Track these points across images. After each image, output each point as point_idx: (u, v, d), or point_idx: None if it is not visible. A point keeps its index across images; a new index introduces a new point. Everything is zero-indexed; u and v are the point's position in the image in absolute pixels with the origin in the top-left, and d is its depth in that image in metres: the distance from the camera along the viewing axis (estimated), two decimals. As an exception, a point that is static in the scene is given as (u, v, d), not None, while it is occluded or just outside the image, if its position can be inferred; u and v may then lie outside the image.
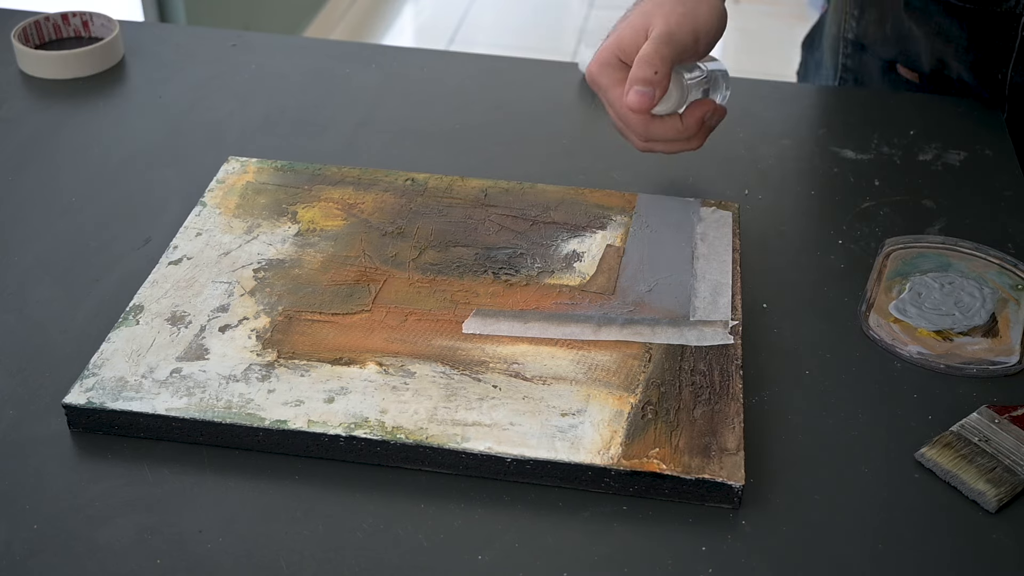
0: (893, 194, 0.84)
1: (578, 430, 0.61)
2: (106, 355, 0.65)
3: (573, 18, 3.15)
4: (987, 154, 0.89)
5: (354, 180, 0.81)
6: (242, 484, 0.60)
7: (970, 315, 0.71)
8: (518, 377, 0.64)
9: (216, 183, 0.80)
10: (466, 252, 0.74)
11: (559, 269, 0.73)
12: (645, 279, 0.72)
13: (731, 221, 0.77)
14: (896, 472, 0.62)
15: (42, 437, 0.62)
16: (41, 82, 0.97)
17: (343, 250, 0.74)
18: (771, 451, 0.63)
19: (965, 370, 0.68)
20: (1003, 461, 0.61)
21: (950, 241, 0.78)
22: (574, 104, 0.97)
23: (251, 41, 1.04)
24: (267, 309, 0.68)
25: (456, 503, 0.59)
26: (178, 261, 0.72)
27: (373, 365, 0.64)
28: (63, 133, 0.90)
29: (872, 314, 0.72)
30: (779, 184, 0.86)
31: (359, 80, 0.99)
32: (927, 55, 0.96)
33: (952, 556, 0.57)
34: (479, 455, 0.60)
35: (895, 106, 0.97)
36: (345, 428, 0.60)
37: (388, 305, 0.69)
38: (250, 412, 0.61)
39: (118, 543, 0.57)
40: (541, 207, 0.78)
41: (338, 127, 0.92)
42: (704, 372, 0.65)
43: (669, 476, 0.59)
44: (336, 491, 0.60)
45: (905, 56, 0.98)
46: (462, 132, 0.92)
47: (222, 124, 0.92)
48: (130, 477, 0.60)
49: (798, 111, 0.96)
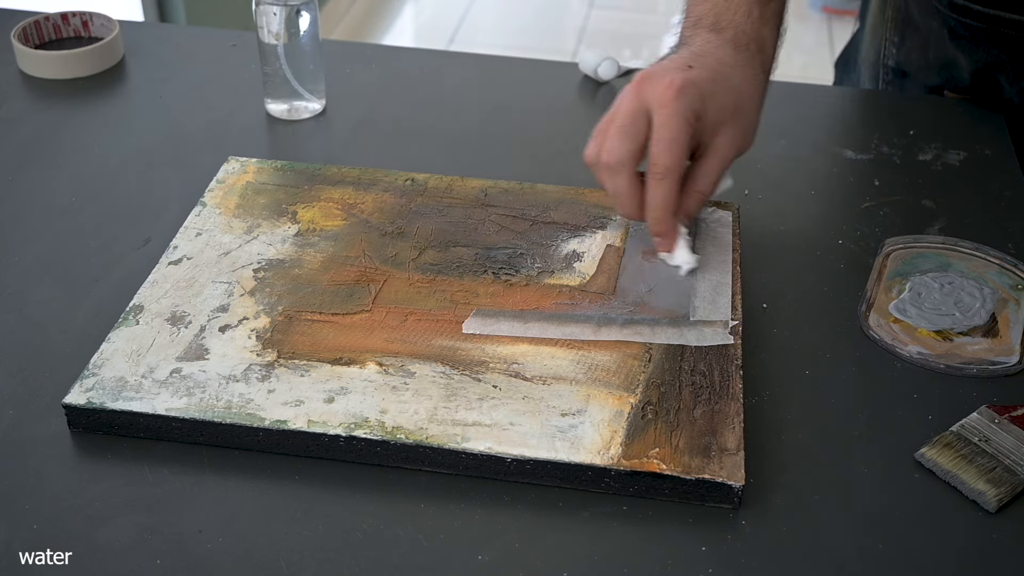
0: (893, 194, 0.84)
1: (578, 430, 0.61)
2: (106, 355, 0.65)
3: (573, 18, 3.15)
4: (987, 154, 0.89)
5: (354, 180, 0.81)
6: (242, 484, 0.60)
7: (970, 315, 0.71)
8: (518, 377, 0.64)
9: (216, 183, 0.80)
10: (466, 252, 0.74)
11: (559, 269, 0.73)
12: (645, 279, 0.72)
13: (731, 221, 0.77)
14: (896, 472, 0.62)
15: (42, 437, 0.62)
16: (41, 82, 0.96)
17: (343, 250, 0.74)
18: (771, 451, 0.63)
19: (965, 370, 0.68)
20: (1003, 461, 0.61)
21: (950, 241, 0.78)
22: (574, 104, 0.97)
23: (251, 41, 1.04)
24: (267, 309, 0.68)
25: (456, 503, 0.59)
26: (178, 261, 0.72)
27: (373, 365, 0.64)
28: (63, 133, 0.90)
29: (872, 314, 0.72)
30: (779, 184, 0.86)
31: (359, 80, 0.99)
32: (974, 81, 0.95)
33: (952, 556, 0.57)
34: (479, 455, 0.60)
35: (895, 106, 0.97)
36: (345, 428, 0.60)
37: (388, 305, 0.69)
38: (250, 412, 0.61)
39: (118, 543, 0.57)
40: (541, 207, 0.78)
41: (338, 127, 0.92)
42: (704, 372, 0.65)
43: (669, 476, 0.59)
44: (336, 491, 0.60)
45: (952, 83, 0.97)
46: (462, 132, 0.92)
47: (222, 124, 0.92)
48: (130, 477, 0.60)
49: (798, 111, 0.96)
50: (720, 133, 0.70)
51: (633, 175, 0.70)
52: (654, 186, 0.69)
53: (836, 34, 2.99)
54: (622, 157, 0.68)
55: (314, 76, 0.91)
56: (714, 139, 0.70)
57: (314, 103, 0.92)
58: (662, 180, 0.68)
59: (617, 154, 0.69)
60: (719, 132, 0.70)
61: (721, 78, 0.70)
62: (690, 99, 0.68)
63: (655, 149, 0.68)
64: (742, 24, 0.74)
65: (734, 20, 0.75)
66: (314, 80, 0.92)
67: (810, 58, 2.79)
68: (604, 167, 0.70)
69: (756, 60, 0.74)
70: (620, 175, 0.69)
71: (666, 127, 0.67)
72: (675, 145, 0.67)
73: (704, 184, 0.71)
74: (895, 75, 1.01)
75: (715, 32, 0.74)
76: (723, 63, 0.72)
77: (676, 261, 0.72)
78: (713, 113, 0.69)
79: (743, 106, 0.72)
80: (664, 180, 0.68)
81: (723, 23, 0.75)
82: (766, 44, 0.75)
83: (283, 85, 0.90)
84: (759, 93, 0.74)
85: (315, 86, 0.92)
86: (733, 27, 0.74)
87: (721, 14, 0.75)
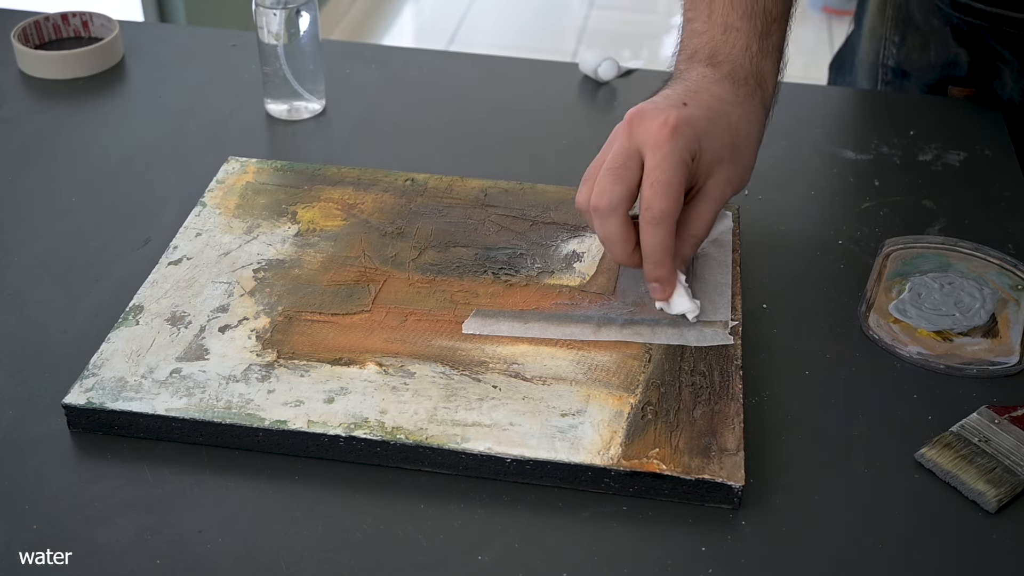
0: (893, 194, 0.84)
1: (578, 430, 0.61)
2: (106, 355, 0.65)
3: (573, 18, 3.15)
4: (987, 154, 0.89)
5: (354, 180, 0.81)
6: (242, 484, 0.60)
7: (970, 315, 0.71)
8: (518, 377, 0.64)
9: (216, 183, 0.80)
10: (466, 252, 0.74)
11: (559, 269, 0.73)
12: (645, 279, 0.72)
13: (731, 221, 0.77)
14: (896, 472, 0.62)
15: (42, 437, 0.62)
16: (41, 82, 0.96)
17: (343, 250, 0.74)
18: (771, 451, 0.63)
19: (965, 370, 0.68)
20: (1003, 461, 0.61)
21: (950, 241, 0.78)
22: (574, 104, 0.97)
23: (251, 41, 1.04)
24: (267, 309, 0.68)
25: (456, 503, 0.59)
26: (178, 261, 0.72)
27: (373, 365, 0.64)
28: (63, 133, 0.90)
29: (872, 314, 0.72)
30: (779, 184, 0.86)
31: (359, 80, 0.99)
32: (976, 80, 0.95)
33: (952, 556, 0.57)
34: (479, 455, 0.60)
35: (895, 106, 0.97)
36: (345, 428, 0.60)
37: (388, 305, 0.69)
38: (250, 412, 0.61)
39: (118, 543, 0.57)
40: (541, 207, 0.78)
41: (338, 127, 0.92)
42: (704, 372, 0.65)
43: (669, 476, 0.59)
44: (336, 491, 0.60)
45: (953, 80, 0.97)
46: (462, 132, 0.92)
47: (222, 124, 0.92)
48: (130, 477, 0.60)
49: (798, 111, 0.96)
50: (715, 174, 0.67)
51: (625, 219, 0.66)
52: (650, 232, 0.65)
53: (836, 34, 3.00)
54: (612, 201, 0.64)
55: (314, 76, 0.91)
56: (708, 180, 0.67)
57: (314, 103, 0.92)
58: (658, 225, 0.64)
59: (608, 198, 0.64)
60: (714, 173, 0.67)
61: (718, 116, 0.67)
62: (686, 139, 0.64)
63: (649, 193, 0.64)
64: (740, 59, 0.71)
65: (731, 54, 0.71)
66: (314, 80, 0.92)
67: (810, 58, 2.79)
68: (595, 212, 0.65)
69: (755, 96, 0.70)
70: (611, 220, 0.65)
71: (660, 169, 0.64)
72: (671, 188, 0.64)
73: (698, 228, 0.68)
74: (895, 75, 1.01)
75: (711, 67, 0.70)
76: (720, 100, 0.68)
77: (676, 310, 0.68)
78: (709, 153, 0.66)
79: (740, 145, 0.68)
80: (660, 225, 0.64)
81: (720, 57, 0.71)
82: (766, 79, 0.72)
83: (283, 85, 0.90)
84: (758, 131, 0.70)
85: (315, 86, 0.92)
86: (730, 61, 0.70)
87: (718, 48, 0.71)
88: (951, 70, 0.96)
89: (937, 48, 0.96)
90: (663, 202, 0.64)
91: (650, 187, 0.64)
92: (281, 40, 0.88)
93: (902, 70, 1.00)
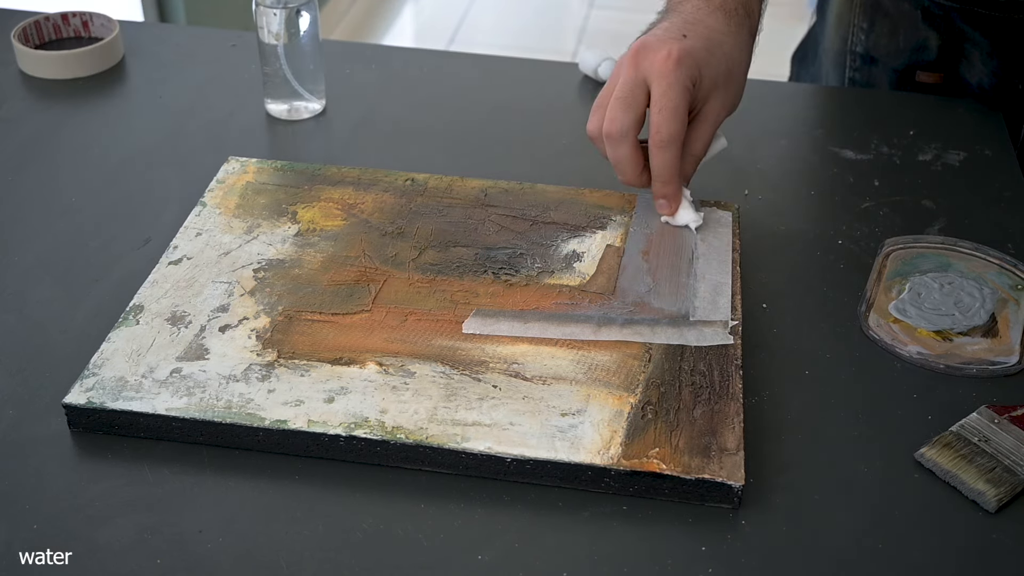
0: (893, 194, 0.84)
1: (578, 430, 0.61)
2: (106, 355, 0.65)
3: (573, 18, 3.15)
4: (987, 154, 0.89)
5: (354, 180, 0.81)
6: (242, 484, 0.60)
7: (970, 315, 0.71)
8: (518, 377, 0.64)
9: (216, 183, 0.80)
10: (466, 252, 0.74)
11: (559, 269, 0.73)
12: (645, 279, 0.72)
13: (731, 221, 0.77)
14: (896, 472, 0.62)
15: (42, 437, 0.62)
16: (41, 82, 0.97)
17: (343, 250, 0.74)
18: (771, 451, 0.63)
19: (965, 370, 0.68)
20: (1003, 461, 0.61)
21: (950, 241, 0.78)
22: (574, 104, 0.97)
23: (251, 41, 1.04)
24: (267, 309, 0.68)
25: (456, 503, 0.59)
26: (178, 261, 0.72)
27: (373, 365, 0.64)
28: (63, 133, 0.90)
29: (872, 314, 0.72)
30: (779, 184, 0.86)
31: (359, 80, 0.99)
32: (945, 63, 0.96)
33: (952, 556, 0.57)
34: (479, 455, 0.60)
35: (894, 106, 0.97)
36: (345, 428, 0.60)
37: (388, 305, 0.69)
38: (250, 412, 0.61)
39: (118, 543, 0.57)
40: (541, 207, 0.78)
41: (338, 127, 0.92)
42: (704, 372, 0.65)
43: (669, 476, 0.59)
44: (336, 491, 0.60)
45: (921, 65, 0.98)
46: (462, 132, 0.92)
47: (222, 124, 0.92)
48: (130, 477, 0.60)
49: (798, 111, 0.96)
50: (712, 99, 0.74)
51: (635, 144, 0.73)
52: (659, 153, 0.72)
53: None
54: (623, 127, 0.71)
55: (314, 76, 0.91)
56: (706, 105, 0.74)
57: (314, 103, 0.92)
58: (667, 147, 0.71)
59: (619, 124, 0.71)
60: (711, 98, 0.74)
61: (714, 46, 0.73)
62: (687, 69, 0.71)
63: (658, 118, 0.71)
64: None
65: None
66: (314, 80, 0.92)
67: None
68: (607, 138, 0.72)
69: (744, 26, 0.76)
70: (623, 145, 0.72)
71: (667, 97, 0.70)
72: (677, 114, 0.70)
73: (698, 148, 0.75)
74: (864, 61, 1.02)
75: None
76: (715, 30, 0.74)
77: (682, 221, 0.76)
78: (707, 80, 0.73)
79: (733, 71, 0.75)
80: (668, 147, 0.71)
81: None
82: (752, 9, 0.78)
83: (283, 85, 0.90)
84: (748, 57, 0.77)
85: (315, 86, 0.92)
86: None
87: None
88: (920, 55, 0.97)
89: (906, 32, 0.97)
90: (671, 126, 0.71)
91: (658, 113, 0.71)
92: (281, 40, 0.88)
93: (870, 56, 1.01)
